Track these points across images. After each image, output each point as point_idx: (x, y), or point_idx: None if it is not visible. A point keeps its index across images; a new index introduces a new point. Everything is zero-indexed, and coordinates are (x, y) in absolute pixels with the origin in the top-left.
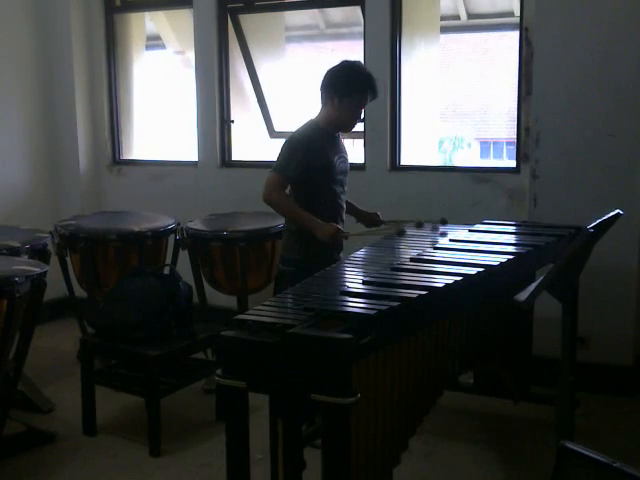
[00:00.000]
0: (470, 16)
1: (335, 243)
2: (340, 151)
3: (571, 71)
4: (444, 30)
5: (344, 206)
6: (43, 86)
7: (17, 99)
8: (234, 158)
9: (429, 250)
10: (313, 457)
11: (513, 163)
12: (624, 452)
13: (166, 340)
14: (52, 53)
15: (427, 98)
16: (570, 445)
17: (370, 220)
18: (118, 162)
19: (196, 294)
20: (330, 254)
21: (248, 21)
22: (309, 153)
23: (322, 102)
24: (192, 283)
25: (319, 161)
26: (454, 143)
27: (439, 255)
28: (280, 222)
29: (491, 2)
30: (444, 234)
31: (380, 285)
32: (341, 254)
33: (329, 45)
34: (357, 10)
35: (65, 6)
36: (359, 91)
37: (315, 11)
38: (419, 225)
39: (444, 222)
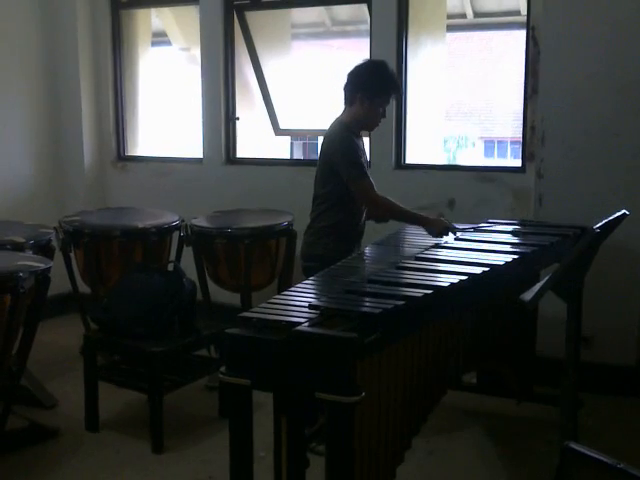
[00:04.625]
0: (476, 15)
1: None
2: (364, 149)
3: (577, 70)
4: (450, 28)
5: None
6: (48, 82)
7: (22, 95)
8: (239, 155)
9: (434, 249)
10: (316, 456)
11: (518, 162)
12: (628, 453)
13: (169, 337)
14: (58, 49)
15: (433, 96)
16: (574, 445)
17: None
18: (123, 158)
19: (200, 291)
20: (352, 250)
21: (254, 18)
22: (357, 149)
23: (347, 102)
24: (196, 280)
25: None
26: (458, 142)
27: (444, 254)
28: (284, 220)
29: (497, 1)
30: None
31: (385, 284)
32: None
33: (335, 43)
34: (363, 8)
35: (71, 2)
36: (389, 91)
37: (321, 8)
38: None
39: (452, 203)
